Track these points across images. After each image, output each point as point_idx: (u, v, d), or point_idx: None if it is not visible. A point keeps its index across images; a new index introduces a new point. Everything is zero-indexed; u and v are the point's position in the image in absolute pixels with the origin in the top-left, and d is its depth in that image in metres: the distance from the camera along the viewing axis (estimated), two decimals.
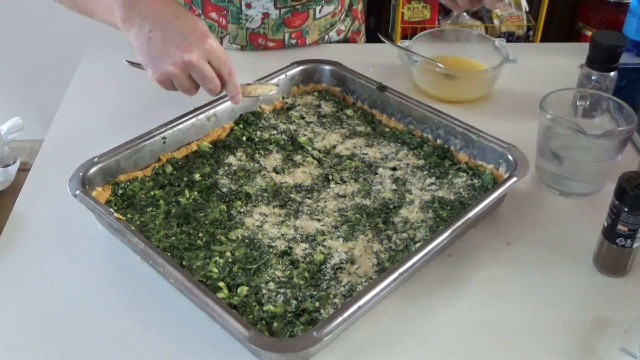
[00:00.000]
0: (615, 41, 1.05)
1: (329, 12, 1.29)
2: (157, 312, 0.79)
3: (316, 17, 1.27)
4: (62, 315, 0.78)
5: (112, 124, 1.09)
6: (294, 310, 0.76)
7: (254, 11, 1.22)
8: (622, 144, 0.92)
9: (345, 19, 1.36)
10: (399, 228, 0.87)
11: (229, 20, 1.24)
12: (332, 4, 1.28)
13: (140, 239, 0.79)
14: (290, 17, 1.24)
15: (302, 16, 1.25)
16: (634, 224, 0.78)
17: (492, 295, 0.81)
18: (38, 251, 0.87)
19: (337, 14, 1.31)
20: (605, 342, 0.75)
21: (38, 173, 1.00)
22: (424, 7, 2.22)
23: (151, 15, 0.84)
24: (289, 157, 1.00)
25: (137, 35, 0.84)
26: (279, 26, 1.24)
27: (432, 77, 1.16)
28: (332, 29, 1.32)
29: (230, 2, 1.21)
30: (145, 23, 0.83)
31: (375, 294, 0.73)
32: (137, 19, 0.84)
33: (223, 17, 1.23)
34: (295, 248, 0.84)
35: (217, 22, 1.25)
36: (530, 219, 0.92)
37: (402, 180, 0.95)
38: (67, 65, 1.47)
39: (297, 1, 1.22)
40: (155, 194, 0.92)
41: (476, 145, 0.97)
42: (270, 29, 1.25)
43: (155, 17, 0.83)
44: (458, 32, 1.25)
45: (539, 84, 1.16)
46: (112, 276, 0.84)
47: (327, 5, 1.27)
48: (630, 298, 0.81)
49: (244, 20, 1.23)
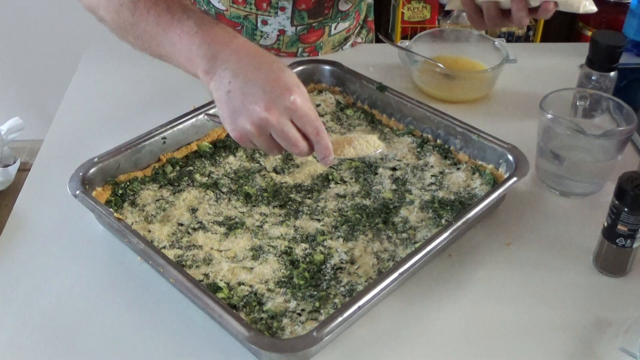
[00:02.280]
0: (615, 41, 1.05)
1: (344, 28, 1.28)
2: (157, 312, 0.79)
3: (331, 34, 1.26)
4: (62, 315, 0.78)
5: (112, 124, 1.09)
6: (294, 310, 0.76)
7: (269, 28, 1.20)
8: (622, 144, 0.92)
9: (361, 31, 1.36)
10: (399, 228, 0.87)
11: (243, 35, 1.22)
12: (347, 20, 1.27)
13: (140, 239, 0.79)
14: (306, 34, 1.23)
15: (317, 33, 1.24)
16: (634, 224, 0.78)
17: (492, 295, 0.81)
18: (38, 251, 0.87)
19: (351, 29, 1.30)
20: (605, 342, 0.75)
21: (38, 173, 1.00)
22: (424, 7, 2.22)
23: (232, 66, 0.75)
24: (289, 157, 1.00)
25: (216, 88, 0.76)
26: (293, 42, 1.23)
27: (432, 77, 1.16)
28: (346, 43, 1.31)
29: (246, 18, 1.19)
30: (225, 74, 0.75)
31: (375, 294, 0.73)
32: (217, 70, 0.75)
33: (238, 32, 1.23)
34: (295, 248, 0.84)
35: None
36: (530, 219, 0.92)
37: (402, 180, 0.95)
38: (67, 65, 1.47)
39: (314, 19, 1.21)
40: (155, 194, 0.92)
41: (476, 145, 0.97)
42: (284, 44, 1.23)
43: (236, 68, 0.74)
44: (458, 32, 1.25)
45: (539, 84, 1.16)
46: (112, 276, 0.84)
47: (343, 22, 1.26)
48: (630, 298, 0.81)
49: (259, 37, 1.22)
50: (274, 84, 0.72)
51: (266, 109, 0.72)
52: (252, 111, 0.72)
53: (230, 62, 0.75)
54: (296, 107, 0.72)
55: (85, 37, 1.75)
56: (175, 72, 0.84)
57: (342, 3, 1.21)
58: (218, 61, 0.75)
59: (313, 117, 0.74)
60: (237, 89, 0.73)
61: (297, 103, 0.72)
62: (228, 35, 0.77)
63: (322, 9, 1.19)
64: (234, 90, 0.73)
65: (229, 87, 0.74)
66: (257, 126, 0.73)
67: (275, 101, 0.72)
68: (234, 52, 0.75)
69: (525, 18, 0.96)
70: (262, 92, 0.72)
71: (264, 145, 0.75)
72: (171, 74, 0.89)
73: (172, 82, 1.16)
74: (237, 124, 0.74)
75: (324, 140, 0.75)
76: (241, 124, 0.74)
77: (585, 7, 0.96)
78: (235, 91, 0.73)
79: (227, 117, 0.75)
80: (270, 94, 0.72)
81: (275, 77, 0.73)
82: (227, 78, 0.74)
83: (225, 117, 0.75)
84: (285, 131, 0.73)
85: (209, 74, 0.76)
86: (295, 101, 0.72)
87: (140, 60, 0.91)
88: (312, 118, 0.74)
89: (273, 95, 0.72)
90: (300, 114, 0.73)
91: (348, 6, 1.23)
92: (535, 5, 0.95)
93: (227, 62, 0.75)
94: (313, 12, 1.19)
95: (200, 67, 0.77)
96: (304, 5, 1.17)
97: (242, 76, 0.73)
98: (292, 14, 1.18)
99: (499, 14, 0.98)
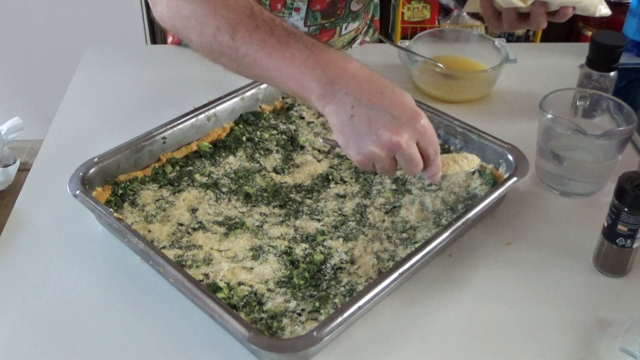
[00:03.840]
0: (615, 41, 1.05)
1: (354, 28, 1.29)
2: (157, 312, 0.79)
3: (342, 34, 1.27)
4: (62, 315, 0.78)
5: (112, 124, 1.09)
6: (294, 310, 0.76)
7: None
8: (622, 144, 0.92)
9: (368, 31, 1.36)
10: (399, 228, 0.87)
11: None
12: (357, 20, 1.28)
13: (140, 239, 0.79)
14: (318, 34, 1.23)
15: (329, 33, 1.24)
16: (634, 224, 0.78)
17: (492, 295, 0.81)
18: (38, 251, 0.87)
19: (360, 29, 1.31)
20: (605, 342, 0.75)
21: (38, 173, 1.00)
22: (424, 7, 2.22)
23: (353, 91, 0.74)
24: (289, 157, 1.00)
25: (336, 113, 0.74)
26: None
27: (432, 77, 1.16)
28: (355, 42, 1.32)
29: None
30: (346, 100, 0.73)
31: (375, 294, 0.73)
32: (337, 95, 0.74)
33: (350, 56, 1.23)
34: (295, 248, 0.84)
35: None
36: (530, 219, 0.92)
37: (402, 180, 0.95)
38: (67, 65, 1.47)
39: (327, 19, 1.21)
40: (155, 194, 0.92)
41: (476, 145, 0.97)
42: None
43: (359, 93, 0.74)
44: (458, 32, 1.25)
45: (539, 84, 1.16)
46: (112, 276, 0.84)
47: (353, 22, 1.27)
48: (630, 298, 0.81)
49: None
50: (402, 109, 0.73)
51: (397, 133, 0.72)
52: (381, 135, 0.73)
53: (350, 87, 0.74)
54: (425, 130, 0.75)
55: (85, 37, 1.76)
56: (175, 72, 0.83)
57: (354, 3, 1.22)
58: (336, 86, 0.74)
59: (435, 139, 0.76)
60: (361, 114, 0.73)
61: (427, 127, 0.75)
62: (343, 59, 0.76)
63: (335, 9, 1.20)
64: (358, 115, 0.73)
65: (352, 112, 0.73)
66: (385, 149, 0.74)
67: (405, 126, 0.73)
68: (353, 76, 0.74)
69: (544, 22, 0.98)
70: (390, 117, 0.73)
71: (386, 166, 0.76)
72: (171, 74, 0.89)
73: (172, 82, 1.16)
74: (362, 148, 0.74)
75: (438, 159, 0.78)
76: (369, 148, 0.74)
77: (600, 11, 0.99)
78: (359, 116, 0.73)
79: (351, 142, 0.75)
80: (399, 119, 0.73)
81: (400, 101, 0.74)
82: (349, 103, 0.73)
83: (348, 142, 0.75)
84: (411, 154, 0.75)
85: (324, 98, 0.75)
86: (425, 125, 0.74)
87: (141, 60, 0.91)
88: (435, 140, 0.76)
89: (403, 121, 0.73)
90: (428, 136, 0.75)
91: (359, 6, 1.24)
92: (554, 9, 0.97)
93: (346, 87, 0.74)
94: (326, 12, 1.19)
95: (314, 91, 0.75)
96: (318, 6, 1.18)
97: (366, 101, 0.73)
98: (306, 15, 1.18)
99: (518, 17, 0.99)
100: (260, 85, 1.07)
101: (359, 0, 1.22)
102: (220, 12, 0.78)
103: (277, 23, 0.78)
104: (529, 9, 0.97)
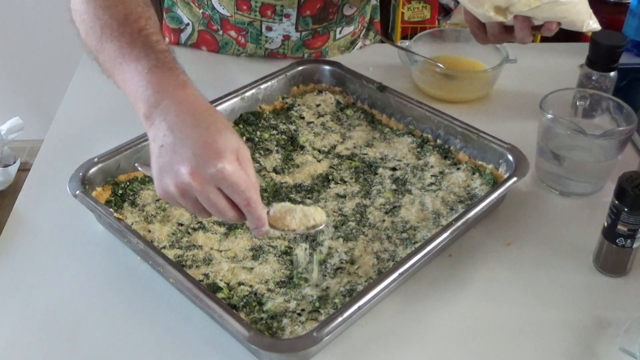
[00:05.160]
0: (615, 41, 1.05)
1: (349, 32, 1.27)
2: (157, 312, 0.79)
3: (336, 38, 1.26)
4: (62, 315, 0.78)
5: (112, 124, 1.09)
6: (294, 310, 0.76)
7: (274, 34, 1.20)
8: (622, 144, 0.92)
9: (368, 34, 1.35)
10: (399, 228, 0.87)
11: (247, 40, 1.21)
12: (352, 24, 1.27)
13: (140, 239, 0.79)
14: (311, 39, 1.23)
15: (322, 38, 1.24)
16: (634, 224, 0.78)
17: (492, 295, 0.81)
18: (38, 251, 0.87)
19: (356, 32, 1.30)
20: (605, 342, 0.75)
21: (38, 173, 1.00)
22: (424, 7, 2.21)
23: (170, 119, 0.69)
24: (289, 157, 1.00)
25: (153, 139, 0.71)
26: (299, 47, 1.23)
27: (432, 77, 1.16)
28: (354, 47, 1.31)
29: (251, 24, 1.19)
30: (162, 126, 0.69)
31: (375, 294, 0.73)
32: (156, 119, 0.70)
33: (242, 37, 1.21)
34: (295, 248, 0.84)
35: (235, 39, 1.23)
36: (530, 219, 0.92)
37: (402, 180, 0.95)
38: (67, 65, 1.47)
39: (319, 24, 1.20)
40: (155, 194, 0.92)
41: (476, 145, 0.97)
42: (289, 49, 1.23)
43: (174, 122, 0.69)
44: (458, 32, 1.25)
45: (539, 84, 1.16)
46: (112, 276, 0.84)
47: (348, 26, 1.26)
48: (630, 298, 0.81)
49: (264, 42, 1.22)
50: (205, 147, 0.67)
51: (191, 173, 0.66)
52: (177, 173, 0.67)
53: (169, 115, 0.70)
54: (223, 175, 0.66)
55: None
56: None
57: (346, 8, 1.21)
58: (158, 110, 0.70)
59: (243, 187, 0.67)
60: (169, 145, 0.68)
61: (226, 171, 0.66)
62: (177, 83, 0.73)
63: (327, 14, 1.19)
64: (166, 146, 0.69)
65: (162, 140, 0.69)
66: (180, 190, 0.68)
67: (202, 167, 0.66)
68: (177, 104, 0.70)
69: (528, 36, 0.96)
70: (191, 154, 0.67)
71: (190, 208, 0.71)
72: None
73: None
74: (162, 182, 0.70)
75: (255, 212, 0.70)
76: (166, 183, 0.69)
77: (588, 25, 0.96)
78: (167, 147, 0.68)
79: (155, 172, 0.71)
80: (198, 158, 0.66)
81: (209, 139, 0.67)
82: (162, 131, 0.69)
83: (154, 172, 0.71)
84: (210, 199, 0.68)
85: (148, 119, 0.72)
86: (223, 169, 0.66)
87: None
88: (242, 188, 0.67)
89: (201, 160, 0.66)
90: (228, 183, 0.67)
91: (352, 10, 1.23)
92: (538, 24, 0.95)
93: (166, 113, 0.70)
94: (318, 17, 1.19)
95: (140, 111, 0.72)
96: (308, 12, 1.17)
97: (177, 132, 0.68)
98: (296, 21, 1.18)
99: (502, 30, 0.98)
100: (260, 86, 1.07)
101: (351, 5, 1.21)
102: (97, 12, 0.79)
103: (144, 35, 0.76)
104: (512, 22, 0.96)
